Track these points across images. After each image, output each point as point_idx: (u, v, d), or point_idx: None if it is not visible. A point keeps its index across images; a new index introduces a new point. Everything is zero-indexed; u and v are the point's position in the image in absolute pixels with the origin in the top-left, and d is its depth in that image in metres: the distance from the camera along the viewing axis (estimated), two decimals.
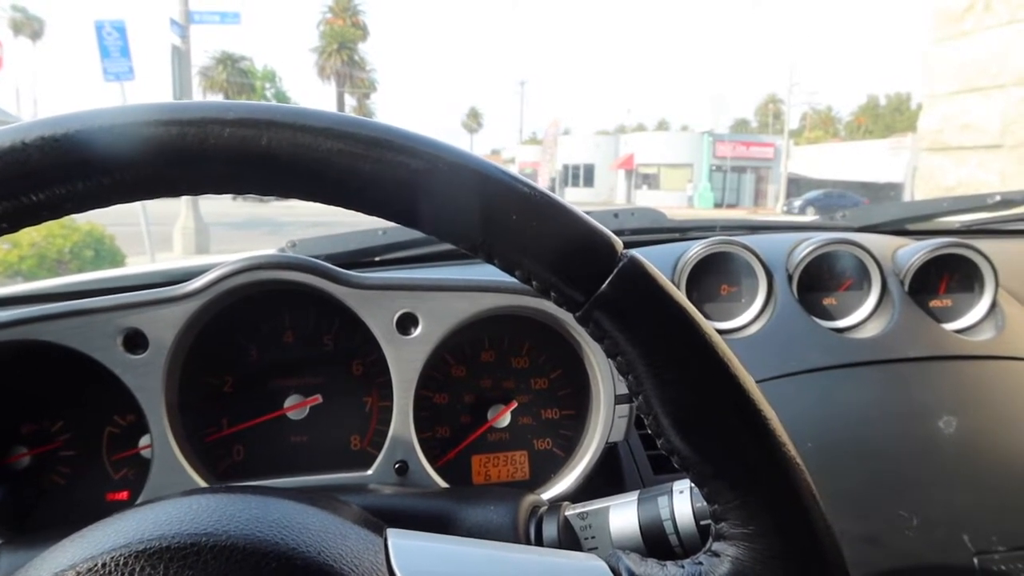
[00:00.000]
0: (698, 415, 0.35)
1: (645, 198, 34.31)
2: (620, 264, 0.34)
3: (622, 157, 36.82)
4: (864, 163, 27.54)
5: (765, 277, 1.06)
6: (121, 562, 0.32)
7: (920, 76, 4.33)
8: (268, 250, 1.01)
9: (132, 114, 0.32)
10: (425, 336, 0.72)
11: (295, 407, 0.77)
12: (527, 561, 0.40)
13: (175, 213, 10.33)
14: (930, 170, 4.31)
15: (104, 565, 0.32)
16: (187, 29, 10.21)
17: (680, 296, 0.35)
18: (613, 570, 0.39)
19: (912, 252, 1.08)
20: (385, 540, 0.38)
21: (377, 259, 1.14)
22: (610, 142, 39.79)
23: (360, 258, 1.12)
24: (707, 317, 0.82)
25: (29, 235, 6.41)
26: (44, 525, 0.72)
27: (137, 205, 8.13)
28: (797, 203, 25.67)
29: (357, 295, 0.71)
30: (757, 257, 1.06)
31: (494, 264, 0.36)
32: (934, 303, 1.09)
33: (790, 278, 1.07)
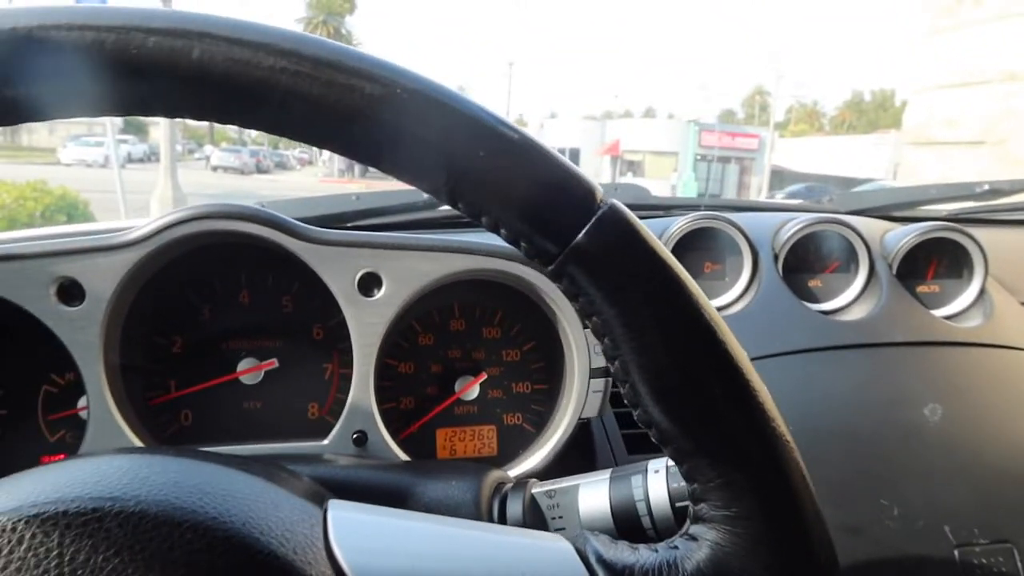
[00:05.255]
0: (680, 384, 0.31)
1: None
2: (599, 212, 0.30)
3: (608, 143, 36.64)
4: (847, 158, 27.75)
5: (750, 255, 1.02)
6: (9, 527, 0.28)
7: (909, 69, 4.34)
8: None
9: (38, 16, 0.27)
10: (389, 298, 0.67)
11: (249, 371, 0.72)
12: (483, 539, 0.35)
13: (152, 182, 10.14)
14: (912, 165, 4.32)
15: None
16: None
17: (665, 251, 0.31)
18: (579, 552, 0.35)
19: (901, 235, 1.05)
20: (325, 511, 0.34)
21: (349, 225, 1.08)
22: (596, 127, 39.54)
23: (330, 223, 1.07)
24: None
25: None
26: None
27: (113, 172, 7.90)
28: (780, 196, 25.75)
29: (316, 251, 0.66)
30: (743, 234, 1.02)
31: (458, 208, 0.31)
32: (922, 288, 1.06)
33: (776, 257, 1.03)
